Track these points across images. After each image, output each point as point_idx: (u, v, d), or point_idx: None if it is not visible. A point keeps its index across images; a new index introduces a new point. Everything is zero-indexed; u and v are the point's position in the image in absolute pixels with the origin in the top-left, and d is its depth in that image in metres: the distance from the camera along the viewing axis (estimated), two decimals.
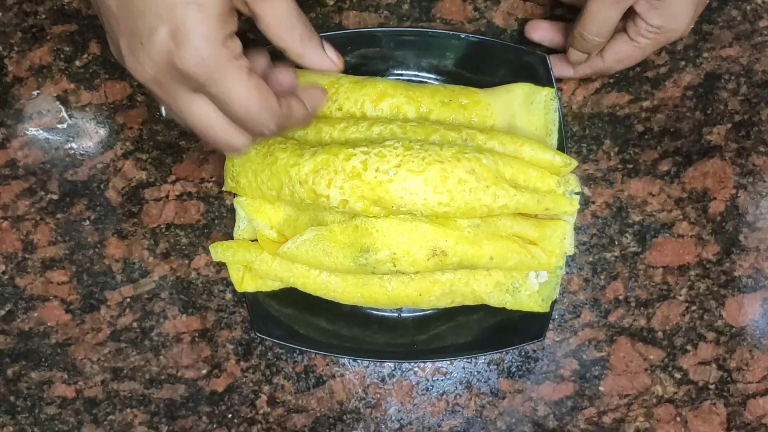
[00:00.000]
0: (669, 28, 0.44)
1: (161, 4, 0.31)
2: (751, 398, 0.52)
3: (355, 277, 0.49)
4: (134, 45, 0.32)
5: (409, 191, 0.43)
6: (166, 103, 0.34)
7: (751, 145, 0.52)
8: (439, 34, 0.49)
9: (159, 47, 0.31)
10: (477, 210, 0.44)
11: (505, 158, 0.46)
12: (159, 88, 0.33)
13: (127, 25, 0.32)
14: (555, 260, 0.49)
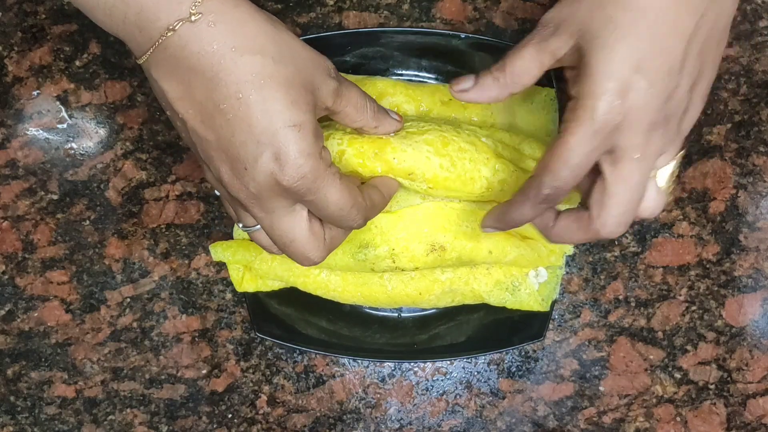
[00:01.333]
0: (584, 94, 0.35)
1: (263, 132, 0.34)
2: (751, 398, 0.52)
3: (355, 276, 0.50)
4: (238, 170, 0.35)
5: (411, 145, 0.42)
6: (259, 218, 0.37)
7: (751, 145, 0.52)
8: (439, 34, 0.49)
9: (264, 169, 0.34)
10: (476, 182, 0.44)
11: (504, 144, 0.46)
12: (257, 205, 0.36)
13: (230, 155, 0.35)
14: (555, 260, 0.49)
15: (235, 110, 0.34)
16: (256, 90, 0.33)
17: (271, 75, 0.34)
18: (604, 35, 0.34)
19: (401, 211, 0.46)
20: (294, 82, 0.34)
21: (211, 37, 0.33)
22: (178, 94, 0.35)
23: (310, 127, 0.35)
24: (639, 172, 0.35)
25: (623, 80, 0.33)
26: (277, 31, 0.35)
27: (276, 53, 0.34)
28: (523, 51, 0.37)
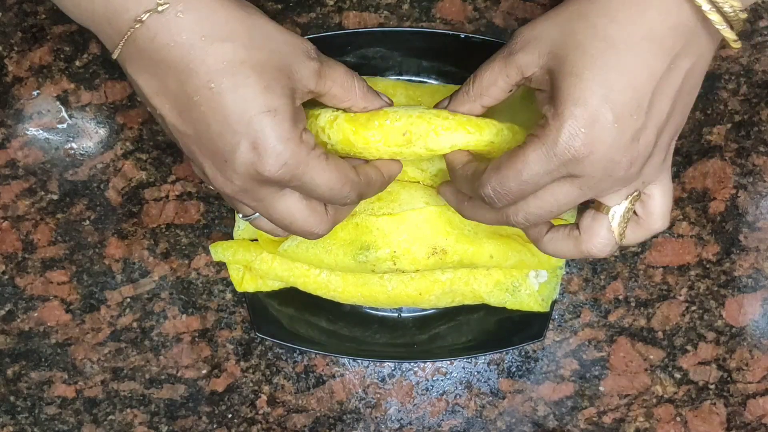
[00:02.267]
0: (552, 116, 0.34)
1: (237, 121, 0.33)
2: (751, 398, 0.52)
3: (356, 277, 0.50)
4: (219, 164, 0.35)
5: (406, 108, 0.40)
6: (253, 207, 0.37)
7: (751, 145, 0.52)
8: (439, 34, 0.49)
9: (243, 160, 0.34)
10: (483, 128, 0.39)
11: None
12: (246, 196, 0.36)
13: (209, 148, 0.34)
14: (555, 260, 0.49)
15: (208, 101, 0.33)
16: (228, 78, 0.33)
17: (243, 61, 0.33)
18: (574, 61, 0.33)
19: (403, 213, 0.46)
20: (267, 67, 0.34)
21: (180, 27, 0.32)
22: (153, 89, 0.34)
23: (288, 112, 0.34)
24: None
25: (590, 109, 0.32)
26: (249, 15, 0.34)
27: (247, 38, 0.33)
28: (491, 64, 0.37)
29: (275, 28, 0.35)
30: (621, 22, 0.33)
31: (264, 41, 0.34)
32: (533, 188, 0.35)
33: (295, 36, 0.36)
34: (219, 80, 0.33)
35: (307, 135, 0.35)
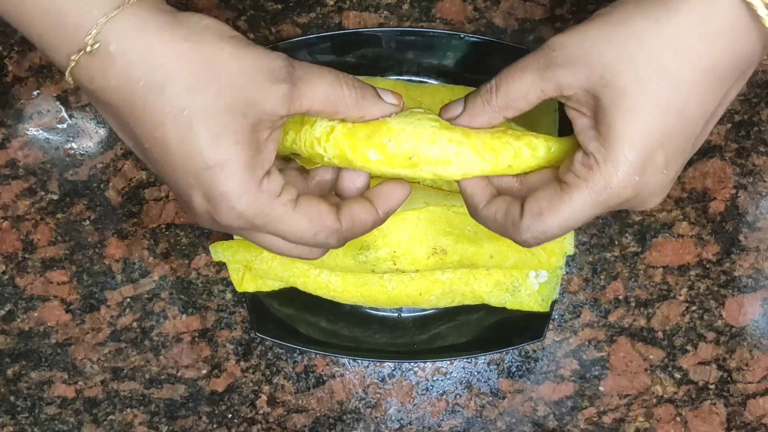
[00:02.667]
0: (603, 159, 0.31)
1: (187, 173, 0.31)
2: (751, 398, 0.52)
3: (355, 277, 0.49)
4: (184, 205, 0.34)
5: (412, 123, 0.35)
6: (240, 236, 0.36)
7: (751, 145, 0.52)
8: (439, 34, 0.49)
9: (200, 209, 0.32)
10: (499, 151, 0.35)
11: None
12: (223, 230, 0.35)
13: (173, 190, 0.33)
14: (555, 260, 0.49)
15: (158, 150, 0.31)
16: (172, 128, 0.30)
17: (185, 109, 0.30)
18: (633, 97, 0.30)
19: (403, 213, 0.46)
20: (215, 111, 0.30)
21: (116, 71, 0.30)
22: (113, 125, 0.33)
23: (240, 161, 0.31)
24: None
25: (646, 155, 0.30)
26: (194, 47, 0.30)
27: (192, 79, 0.30)
28: (524, 74, 0.33)
29: (231, 54, 0.31)
30: (687, 56, 0.30)
31: (212, 78, 0.30)
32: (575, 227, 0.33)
33: (258, 56, 0.32)
34: (163, 131, 0.30)
35: (269, 182, 0.32)
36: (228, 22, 0.52)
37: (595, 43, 0.31)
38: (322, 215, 0.34)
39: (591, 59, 0.31)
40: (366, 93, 0.35)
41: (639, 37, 0.30)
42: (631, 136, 0.30)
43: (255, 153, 0.32)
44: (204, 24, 0.31)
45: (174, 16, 0.31)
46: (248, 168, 0.31)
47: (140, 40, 0.30)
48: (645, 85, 0.30)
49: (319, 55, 0.50)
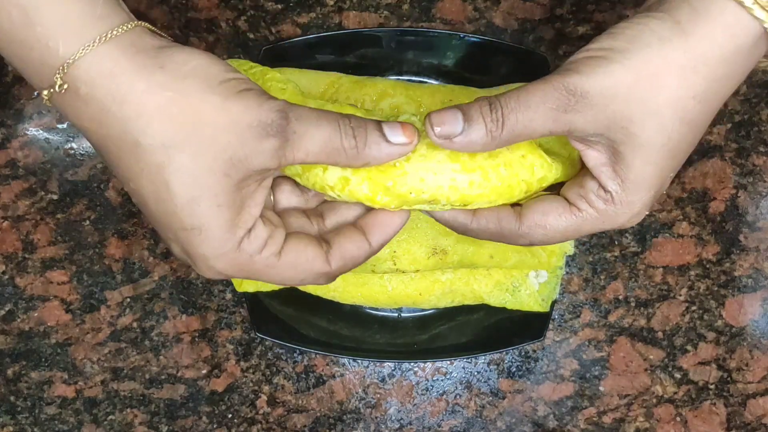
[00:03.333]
0: (621, 200, 0.32)
1: (165, 226, 0.30)
2: (751, 398, 0.52)
3: (355, 277, 0.49)
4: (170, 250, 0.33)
5: (431, 169, 0.33)
6: None
7: (751, 145, 0.52)
8: (439, 34, 0.49)
9: (179, 257, 0.32)
10: (515, 189, 0.35)
11: None
12: None
13: (155, 228, 0.32)
14: (555, 260, 0.49)
15: (137, 196, 0.30)
16: (147, 184, 0.28)
17: (161, 166, 0.28)
18: (655, 148, 0.31)
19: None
20: (194, 171, 0.28)
21: (88, 115, 0.28)
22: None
23: (217, 226, 0.29)
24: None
25: (657, 192, 0.32)
26: (175, 100, 0.28)
27: (168, 135, 0.28)
28: (535, 114, 0.30)
29: (216, 108, 0.28)
30: (708, 101, 0.30)
31: (192, 135, 0.28)
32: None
33: (248, 108, 0.29)
34: (138, 184, 0.29)
35: (250, 241, 0.31)
36: (228, 22, 0.52)
37: (618, 95, 0.30)
38: (309, 262, 0.32)
39: (614, 112, 0.30)
40: (370, 139, 0.31)
41: (665, 88, 0.30)
42: (650, 181, 0.31)
43: (236, 214, 0.30)
44: (190, 68, 0.28)
45: (155, 57, 0.28)
46: (228, 230, 0.30)
47: (112, 87, 0.27)
48: (669, 135, 0.30)
49: (319, 55, 0.50)
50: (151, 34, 0.29)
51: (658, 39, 0.30)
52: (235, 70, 0.30)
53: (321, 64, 0.49)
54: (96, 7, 0.28)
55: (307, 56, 0.49)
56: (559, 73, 0.31)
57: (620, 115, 0.30)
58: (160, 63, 0.28)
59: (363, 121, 0.31)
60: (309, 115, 0.30)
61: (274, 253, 0.31)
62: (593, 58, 0.30)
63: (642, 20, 0.31)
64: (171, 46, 0.29)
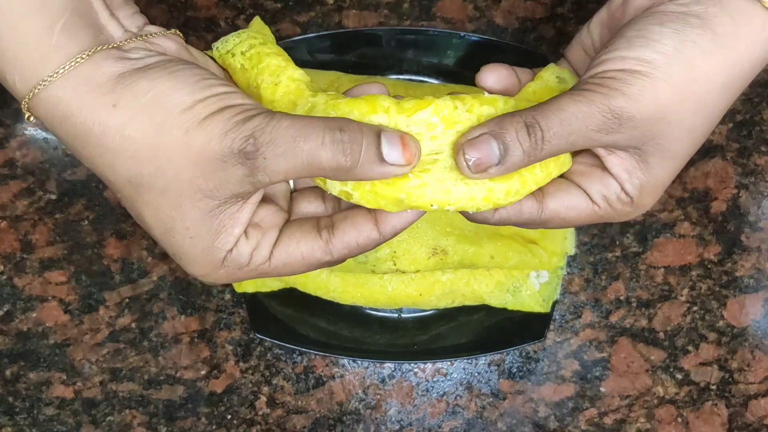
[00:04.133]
0: (638, 204, 0.33)
1: (153, 233, 0.30)
2: (753, 399, 0.52)
3: (355, 277, 0.49)
4: None
5: (462, 181, 0.30)
6: None
7: (753, 144, 0.52)
8: (440, 33, 0.49)
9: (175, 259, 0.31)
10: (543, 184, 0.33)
11: None
12: None
13: None
14: (556, 260, 0.49)
15: (125, 203, 0.30)
16: (126, 203, 0.29)
17: (132, 200, 0.29)
18: (681, 155, 0.32)
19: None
20: (161, 209, 0.28)
21: (58, 134, 0.28)
22: None
23: (194, 254, 0.29)
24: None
25: (665, 189, 0.34)
26: (133, 140, 0.27)
27: (132, 174, 0.28)
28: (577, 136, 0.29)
29: (176, 141, 0.27)
30: (727, 103, 0.31)
31: (155, 172, 0.27)
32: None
33: (210, 140, 0.27)
34: (124, 197, 0.29)
35: (232, 258, 0.30)
36: (227, 20, 0.52)
37: (663, 117, 0.30)
38: (303, 258, 0.31)
39: (653, 131, 0.30)
40: (365, 157, 0.28)
41: (705, 107, 0.30)
42: (666, 184, 0.32)
43: (212, 240, 0.29)
44: (148, 99, 0.27)
45: (110, 93, 0.27)
46: (206, 256, 0.29)
47: (70, 129, 0.27)
48: (695, 145, 0.32)
49: (319, 54, 0.50)
50: (114, 60, 0.28)
51: (701, 53, 0.29)
52: (213, 80, 0.29)
53: (321, 63, 0.49)
54: (52, 36, 0.27)
55: (307, 55, 0.49)
56: (602, 92, 0.29)
57: (659, 133, 0.30)
58: (113, 100, 0.27)
59: (359, 134, 0.28)
60: (285, 135, 0.27)
61: (263, 260, 0.31)
62: (636, 75, 0.29)
63: (679, 27, 0.30)
64: (132, 73, 0.28)
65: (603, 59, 0.30)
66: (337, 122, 0.28)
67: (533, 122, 0.29)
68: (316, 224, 0.32)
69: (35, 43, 0.27)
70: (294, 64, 0.34)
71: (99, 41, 0.28)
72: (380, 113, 0.30)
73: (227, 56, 0.35)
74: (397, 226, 0.32)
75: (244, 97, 0.29)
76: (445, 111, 0.30)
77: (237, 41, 0.35)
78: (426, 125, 0.30)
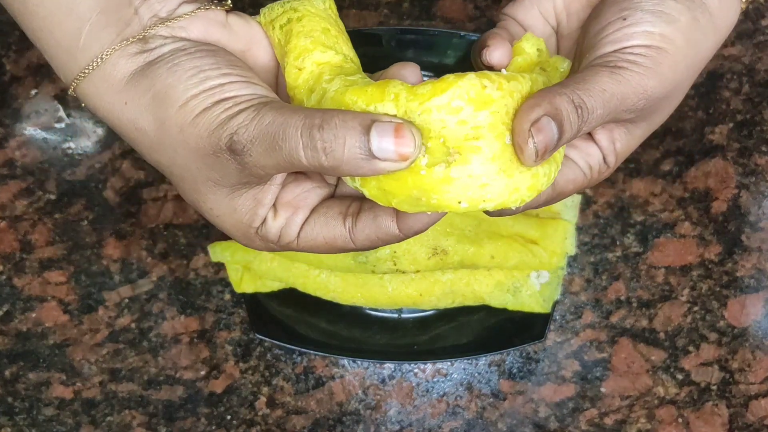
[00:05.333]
0: (613, 167, 0.33)
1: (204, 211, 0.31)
2: (753, 399, 0.52)
3: (355, 277, 0.49)
4: None
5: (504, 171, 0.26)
6: None
7: (754, 144, 0.52)
8: (440, 32, 0.49)
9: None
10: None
11: None
12: None
13: None
14: (556, 260, 0.49)
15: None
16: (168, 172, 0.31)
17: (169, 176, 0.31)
18: (662, 118, 0.33)
19: None
20: (185, 188, 0.30)
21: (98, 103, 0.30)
22: None
23: (231, 225, 0.30)
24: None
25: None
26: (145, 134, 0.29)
27: (154, 160, 0.30)
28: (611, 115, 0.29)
29: (175, 138, 0.28)
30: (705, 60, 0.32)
31: (171, 161, 0.30)
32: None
33: (200, 138, 0.28)
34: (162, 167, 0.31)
35: (265, 232, 0.31)
36: None
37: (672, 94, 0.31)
38: (327, 242, 0.31)
39: (657, 107, 0.31)
40: (349, 155, 0.26)
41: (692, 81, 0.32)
42: (636, 146, 0.33)
43: (238, 219, 0.30)
44: (150, 97, 0.29)
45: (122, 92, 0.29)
46: (237, 231, 0.31)
47: (101, 116, 0.30)
48: (671, 112, 0.33)
49: None
50: (128, 57, 0.29)
51: (703, 34, 0.30)
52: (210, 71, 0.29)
53: None
54: (80, 38, 0.29)
55: None
56: (637, 72, 0.29)
57: (659, 108, 0.31)
58: (125, 98, 0.29)
59: (342, 129, 0.26)
60: (266, 132, 0.26)
61: (291, 238, 0.31)
62: (663, 54, 0.29)
63: (689, 4, 0.30)
64: (142, 69, 0.29)
65: (628, 33, 0.29)
66: (319, 118, 0.26)
67: (581, 102, 0.27)
68: (345, 209, 0.31)
69: (67, 46, 0.30)
70: (325, 45, 0.31)
71: (123, 36, 0.29)
72: (386, 101, 0.26)
73: (269, 27, 0.33)
74: (414, 227, 0.30)
75: (245, 85, 0.29)
76: (471, 92, 0.26)
77: (279, 11, 0.32)
78: (447, 110, 0.26)
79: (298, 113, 0.26)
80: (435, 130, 0.26)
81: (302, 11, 0.32)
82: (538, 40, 0.34)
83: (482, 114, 0.26)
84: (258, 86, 0.29)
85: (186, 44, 0.30)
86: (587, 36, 0.32)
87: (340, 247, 0.31)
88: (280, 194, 0.31)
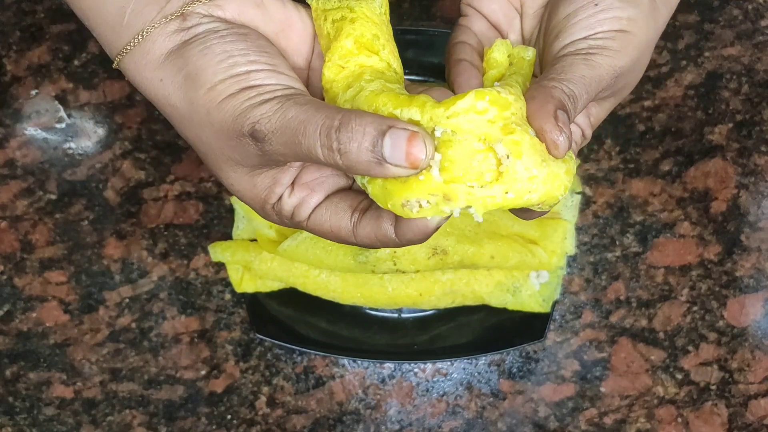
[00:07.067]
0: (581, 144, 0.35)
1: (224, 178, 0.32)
2: (753, 399, 0.52)
3: (355, 277, 0.49)
4: None
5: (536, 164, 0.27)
6: None
7: (753, 144, 0.52)
8: (440, 33, 0.49)
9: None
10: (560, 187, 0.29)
11: None
12: None
13: None
14: (556, 260, 0.49)
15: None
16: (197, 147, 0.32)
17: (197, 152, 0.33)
18: (628, 89, 0.35)
19: None
20: (210, 162, 0.32)
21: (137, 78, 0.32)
22: None
23: (251, 197, 0.32)
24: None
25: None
26: (177, 111, 0.31)
27: (184, 134, 0.32)
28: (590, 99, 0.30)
29: (203, 119, 0.30)
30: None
31: (198, 138, 0.31)
32: None
33: (224, 122, 0.29)
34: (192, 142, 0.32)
35: (280, 207, 0.31)
36: None
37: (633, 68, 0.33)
38: (332, 231, 0.32)
39: (625, 80, 0.33)
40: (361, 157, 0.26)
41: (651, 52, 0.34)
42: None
43: (256, 195, 0.32)
44: (182, 77, 0.30)
45: (157, 69, 0.31)
46: (255, 205, 0.32)
47: (141, 92, 0.32)
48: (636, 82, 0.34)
49: None
50: (167, 35, 0.31)
51: (659, 13, 0.33)
52: (239, 57, 0.30)
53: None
54: (124, 17, 0.31)
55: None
56: (608, 56, 0.31)
57: (627, 82, 0.33)
58: (161, 75, 0.31)
59: (358, 132, 0.26)
60: (288, 126, 0.27)
61: (303, 219, 0.32)
62: (627, 36, 0.31)
63: None
64: (178, 48, 0.30)
65: (600, 18, 0.32)
66: (338, 120, 0.26)
67: (570, 92, 0.29)
68: (356, 203, 0.31)
69: (113, 24, 0.31)
70: (371, 51, 0.31)
71: (164, 13, 0.31)
72: (413, 107, 0.27)
73: (320, 16, 0.32)
74: (406, 235, 0.29)
75: (272, 74, 0.30)
76: (488, 97, 0.27)
77: (335, 5, 0.32)
78: (474, 111, 0.27)
79: (320, 112, 0.27)
80: (467, 131, 0.27)
81: (358, 13, 0.32)
82: (506, 44, 0.34)
83: (507, 113, 0.27)
84: (284, 75, 0.30)
85: (219, 25, 0.31)
86: (556, 17, 0.33)
87: (343, 238, 0.32)
88: (300, 174, 0.32)
